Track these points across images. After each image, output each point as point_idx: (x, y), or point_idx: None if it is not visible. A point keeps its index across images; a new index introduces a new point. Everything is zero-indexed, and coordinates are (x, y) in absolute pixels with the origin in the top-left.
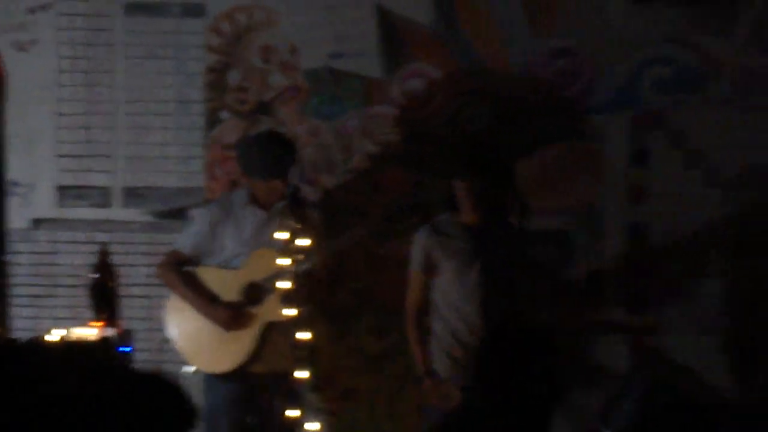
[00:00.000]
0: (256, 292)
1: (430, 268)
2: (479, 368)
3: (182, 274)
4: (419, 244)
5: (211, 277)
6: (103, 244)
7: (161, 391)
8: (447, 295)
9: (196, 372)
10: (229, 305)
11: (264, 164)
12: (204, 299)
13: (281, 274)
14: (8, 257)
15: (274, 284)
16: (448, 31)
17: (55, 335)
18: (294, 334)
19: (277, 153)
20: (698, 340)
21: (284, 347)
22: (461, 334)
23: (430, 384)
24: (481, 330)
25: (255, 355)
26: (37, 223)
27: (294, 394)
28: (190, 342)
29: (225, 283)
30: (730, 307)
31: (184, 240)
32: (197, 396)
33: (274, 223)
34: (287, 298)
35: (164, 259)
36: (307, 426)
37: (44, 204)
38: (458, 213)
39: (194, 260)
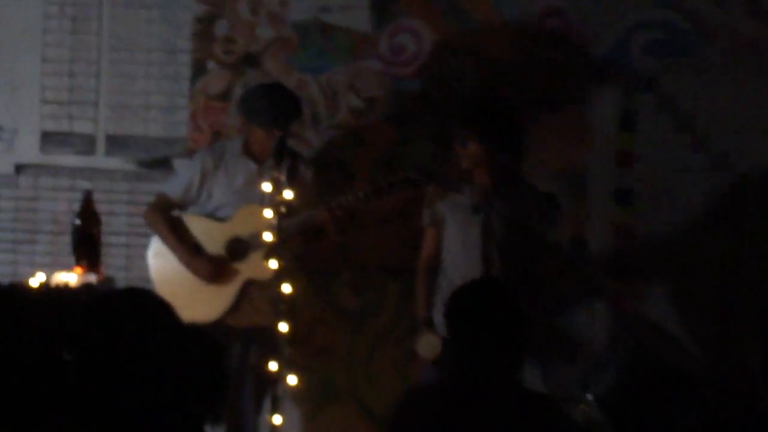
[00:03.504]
0: (241, 247)
1: (436, 223)
2: (450, 322)
3: (169, 219)
4: (427, 197)
5: (196, 226)
6: (87, 190)
7: (206, 348)
8: (450, 251)
9: None
10: (212, 258)
11: (269, 112)
12: (187, 249)
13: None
14: None
15: (260, 241)
16: None
17: (36, 280)
18: (275, 288)
19: (284, 104)
20: (681, 310)
21: (262, 304)
22: None
23: (425, 331)
24: None
25: (232, 310)
26: (20, 168)
27: (271, 348)
28: (169, 288)
29: (210, 234)
30: (713, 278)
31: (173, 184)
32: None
33: (266, 177)
34: (270, 251)
35: (152, 202)
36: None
37: (27, 150)
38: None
39: (182, 206)
